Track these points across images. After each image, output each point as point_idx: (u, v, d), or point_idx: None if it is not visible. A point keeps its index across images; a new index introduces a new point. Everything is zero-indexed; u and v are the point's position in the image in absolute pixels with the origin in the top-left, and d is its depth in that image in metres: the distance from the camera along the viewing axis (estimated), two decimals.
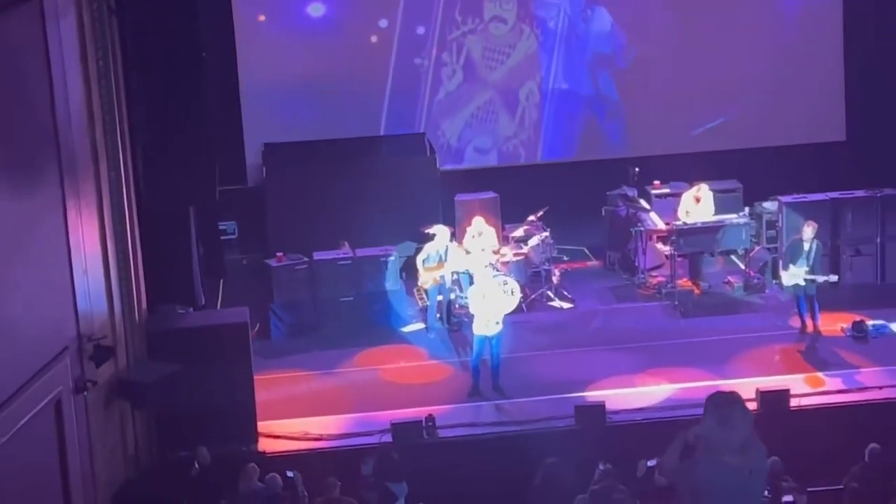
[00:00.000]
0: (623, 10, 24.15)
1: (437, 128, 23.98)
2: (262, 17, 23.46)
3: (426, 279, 20.03)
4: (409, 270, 20.74)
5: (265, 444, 16.73)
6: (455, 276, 20.18)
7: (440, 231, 20.08)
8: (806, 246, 18.96)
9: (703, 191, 21.12)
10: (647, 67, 24.20)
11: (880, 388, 17.37)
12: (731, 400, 7.94)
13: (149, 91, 17.05)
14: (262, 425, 16.95)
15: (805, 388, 17.44)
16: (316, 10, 23.52)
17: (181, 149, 17.16)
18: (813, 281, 18.94)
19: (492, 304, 17.68)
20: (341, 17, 23.64)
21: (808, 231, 19.03)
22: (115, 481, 15.10)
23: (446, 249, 19.99)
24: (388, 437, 16.53)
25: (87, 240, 14.47)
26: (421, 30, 23.66)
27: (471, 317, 18.05)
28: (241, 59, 23.45)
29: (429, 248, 20.03)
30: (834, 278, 19.43)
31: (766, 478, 7.93)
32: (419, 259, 20.10)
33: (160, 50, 16.35)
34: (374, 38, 23.67)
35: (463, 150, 24.15)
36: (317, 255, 20.40)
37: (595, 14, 24.04)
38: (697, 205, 21.05)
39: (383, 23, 23.64)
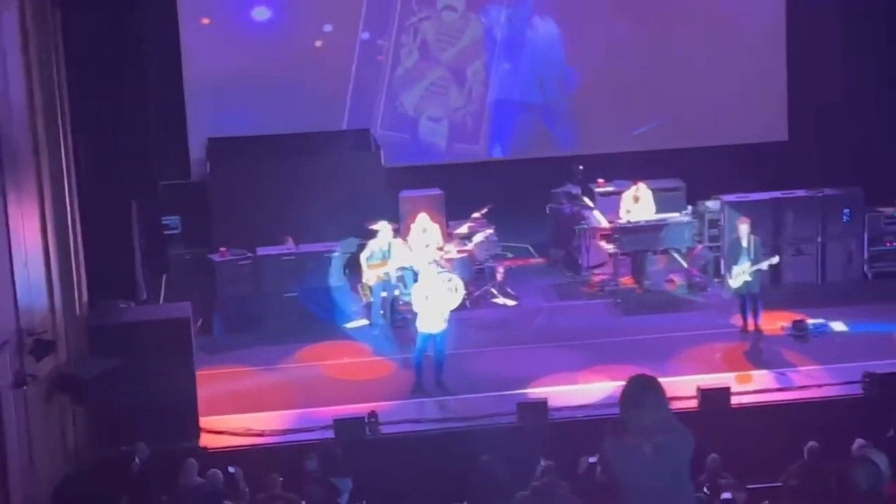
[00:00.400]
0: (567, 13, 24.36)
1: (396, 99, 24.45)
2: (206, 20, 23.52)
3: (370, 276, 20.02)
4: (353, 267, 20.71)
5: (207, 440, 16.66)
6: (399, 273, 20.17)
7: (383, 227, 20.07)
8: (744, 242, 19.14)
9: (642, 190, 21.25)
10: (593, 69, 24.37)
11: (819, 386, 17.50)
12: (640, 383, 7.79)
13: (91, 84, 16.98)
14: (204, 421, 16.88)
15: (746, 387, 17.56)
16: (261, 14, 23.64)
17: (123, 143, 17.07)
18: (759, 271, 19.09)
19: (436, 301, 17.69)
20: (287, 21, 23.74)
21: (743, 228, 19.24)
22: (55, 476, 15.00)
23: (390, 246, 19.99)
24: (330, 434, 16.50)
25: (27, 234, 14.36)
26: (373, 29, 24.10)
27: (414, 314, 18.05)
28: (186, 54, 23.39)
29: (373, 245, 20.03)
30: (776, 259, 19.62)
31: (690, 465, 7.79)
32: (363, 255, 20.09)
33: (102, 43, 16.27)
34: (318, 43, 23.91)
35: (418, 119, 24.59)
36: (260, 251, 20.36)
37: (541, 18, 24.39)
38: (637, 204, 21.19)
39: (328, 27, 23.95)
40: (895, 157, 23.20)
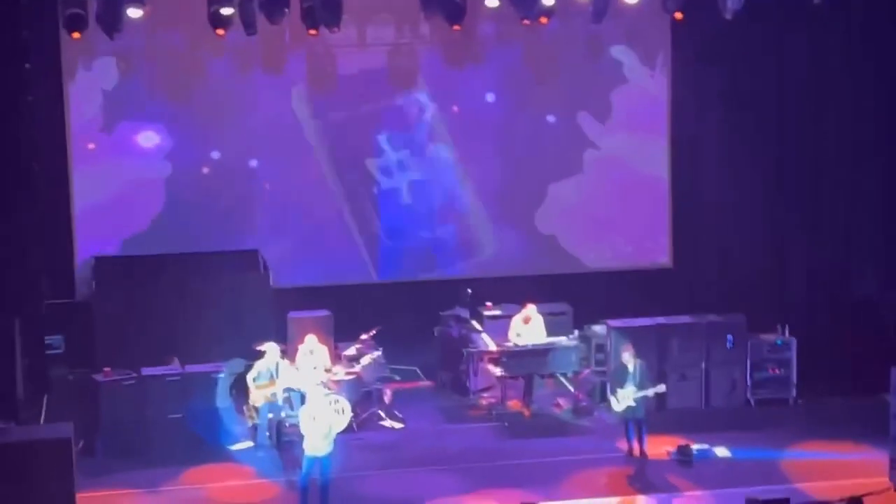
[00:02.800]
0: (460, 140, 24.60)
1: (286, 222, 24.15)
2: (91, 146, 23.42)
3: (257, 397, 19.87)
4: (239, 387, 20.55)
5: None
6: (286, 395, 20.04)
7: (271, 348, 19.98)
8: (630, 367, 19.33)
9: (532, 311, 21.39)
10: (482, 195, 24.61)
11: None
12: None
13: None
14: None
15: None
16: (148, 140, 23.62)
17: (8, 261, 16.91)
18: (644, 398, 19.26)
19: (322, 424, 17.59)
20: (175, 147, 23.70)
21: (627, 356, 19.43)
22: None
23: (277, 367, 19.89)
24: None
25: None
26: (260, 158, 24.04)
27: (301, 436, 17.92)
28: (75, 174, 23.28)
29: (259, 366, 19.91)
30: (662, 388, 19.80)
31: None
32: (250, 376, 19.95)
33: None
34: (206, 170, 23.88)
35: (309, 241, 24.25)
36: (145, 371, 20.11)
37: (434, 145, 24.54)
38: (527, 325, 21.30)
39: (216, 154, 23.88)
40: (776, 284, 23.66)
